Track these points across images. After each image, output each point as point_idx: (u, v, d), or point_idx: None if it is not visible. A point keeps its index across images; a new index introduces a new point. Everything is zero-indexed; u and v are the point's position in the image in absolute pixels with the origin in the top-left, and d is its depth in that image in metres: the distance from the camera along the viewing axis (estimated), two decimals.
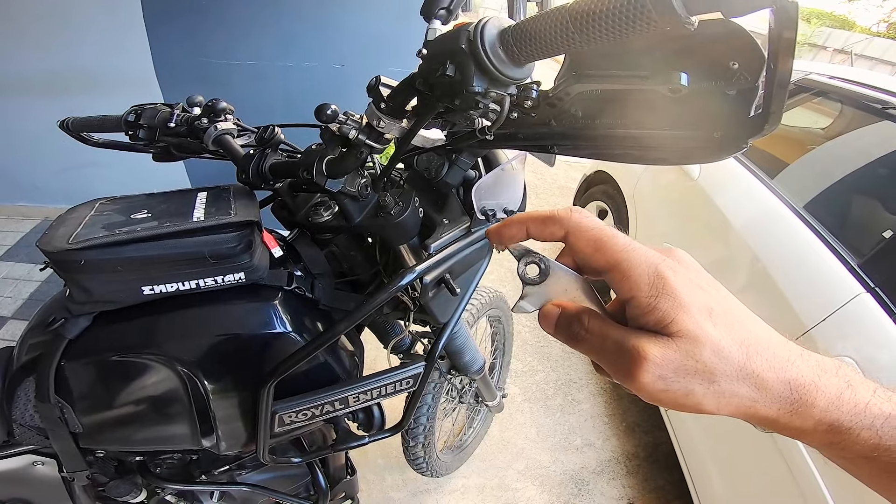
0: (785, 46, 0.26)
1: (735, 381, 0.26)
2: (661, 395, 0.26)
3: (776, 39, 0.26)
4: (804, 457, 1.11)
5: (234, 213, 0.60)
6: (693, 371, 0.26)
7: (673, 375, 0.26)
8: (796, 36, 0.25)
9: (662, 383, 0.26)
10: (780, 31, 0.25)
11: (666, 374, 0.26)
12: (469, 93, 0.40)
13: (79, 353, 0.63)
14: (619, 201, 2.24)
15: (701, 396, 0.26)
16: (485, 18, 0.39)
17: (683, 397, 0.26)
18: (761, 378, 0.26)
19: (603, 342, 0.29)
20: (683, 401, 0.26)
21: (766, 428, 0.28)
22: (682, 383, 0.26)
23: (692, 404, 0.26)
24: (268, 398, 0.64)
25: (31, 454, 0.80)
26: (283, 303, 0.66)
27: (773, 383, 0.26)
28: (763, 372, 0.26)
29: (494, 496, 1.63)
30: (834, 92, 1.76)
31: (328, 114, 0.53)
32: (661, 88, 0.33)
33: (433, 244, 0.67)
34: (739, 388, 0.26)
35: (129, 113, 0.79)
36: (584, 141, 0.45)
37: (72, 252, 0.54)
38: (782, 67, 0.27)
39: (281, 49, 2.05)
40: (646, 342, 0.26)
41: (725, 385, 0.26)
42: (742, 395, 0.26)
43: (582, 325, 0.30)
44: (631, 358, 0.26)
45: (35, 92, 2.30)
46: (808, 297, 1.24)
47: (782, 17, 0.25)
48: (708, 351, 0.26)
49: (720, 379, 0.26)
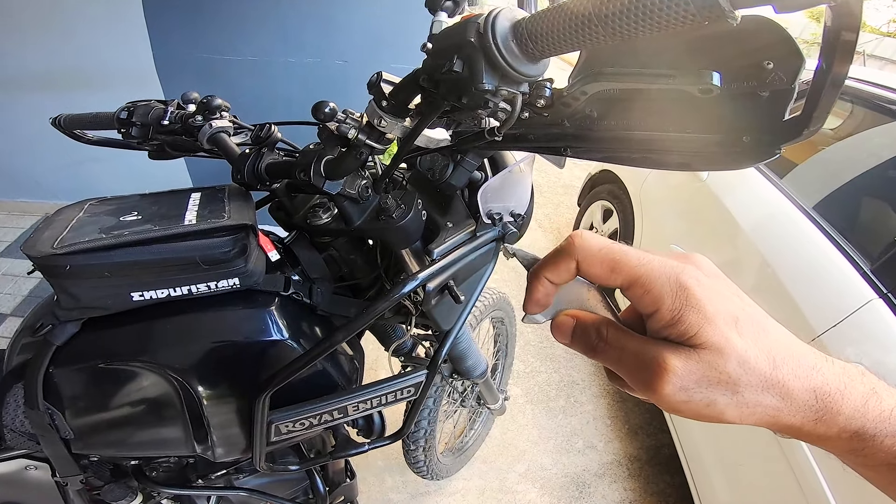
0: (844, 47, 0.23)
1: (760, 392, 0.25)
2: (683, 407, 0.26)
3: (834, 38, 0.23)
4: (808, 461, 1.09)
5: (227, 216, 0.57)
6: (717, 382, 0.25)
7: (695, 386, 0.25)
8: (858, 34, 0.22)
9: (684, 394, 0.25)
10: (838, 29, 0.22)
11: (688, 385, 0.25)
12: (478, 90, 0.37)
13: (67, 359, 0.61)
14: (626, 201, 2.21)
15: (724, 407, 0.26)
16: (496, 9, 0.35)
17: (705, 408, 0.26)
18: (787, 387, 0.25)
19: (622, 353, 0.28)
20: (705, 411, 0.26)
21: (788, 436, 0.27)
22: (704, 394, 0.25)
23: (714, 415, 0.26)
24: (263, 408, 0.61)
25: (24, 458, 0.79)
26: (279, 309, 0.64)
27: (798, 392, 0.25)
28: (789, 381, 0.25)
29: (495, 498, 1.62)
30: (845, 92, 1.72)
31: (326, 112, 0.50)
32: (690, 89, 0.30)
33: (437, 249, 0.64)
34: (764, 398, 0.25)
35: (122, 110, 0.76)
36: (599, 143, 0.42)
37: (57, 257, 0.51)
38: (838, 69, 0.24)
39: (283, 45, 2.02)
40: (668, 353, 0.26)
41: (750, 396, 0.25)
42: (767, 404, 0.25)
43: (600, 337, 0.30)
44: (653, 369, 0.26)
45: (35, 88, 2.28)
46: (819, 302, 1.21)
47: (843, 14, 0.22)
48: (733, 363, 0.25)
49: (744, 389, 0.25)
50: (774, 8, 0.22)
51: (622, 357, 0.28)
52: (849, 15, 0.22)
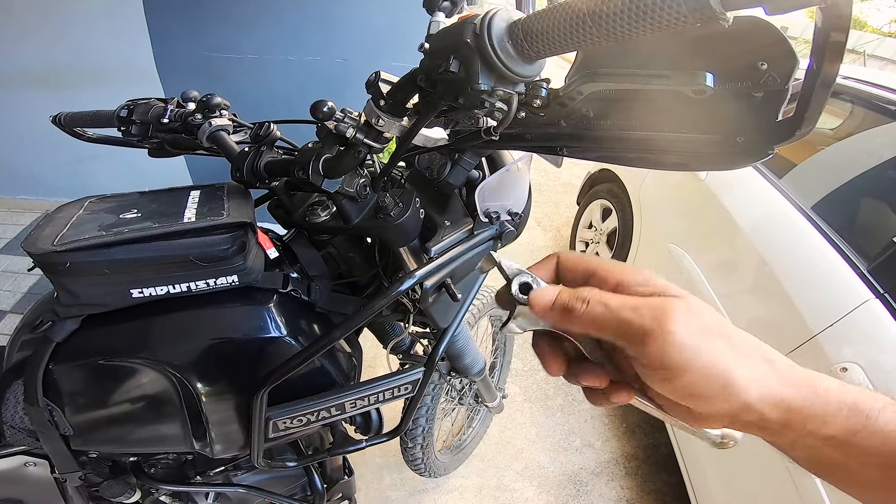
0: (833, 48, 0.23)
1: (750, 348, 0.26)
2: (691, 354, 0.24)
3: (824, 39, 0.23)
4: None
5: (226, 214, 0.58)
6: (712, 330, 0.25)
7: (699, 332, 0.25)
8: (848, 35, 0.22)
9: (693, 338, 0.25)
10: (828, 30, 0.23)
11: (693, 326, 0.25)
12: (474, 91, 0.37)
13: (67, 356, 0.61)
14: (624, 200, 2.21)
15: (730, 356, 0.25)
16: (492, 10, 0.36)
17: (714, 355, 0.25)
18: (771, 356, 0.26)
19: (608, 311, 0.27)
20: (714, 358, 0.25)
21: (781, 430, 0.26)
22: (708, 340, 0.25)
23: (722, 369, 0.25)
24: (261, 405, 0.62)
25: (23, 455, 0.79)
26: (278, 306, 0.64)
27: (781, 361, 0.26)
28: (771, 352, 0.27)
29: (493, 496, 1.62)
30: (844, 92, 1.72)
31: (324, 111, 0.51)
32: (684, 89, 0.30)
33: (434, 247, 0.64)
34: (755, 359, 0.26)
35: (122, 108, 0.76)
36: (595, 143, 0.42)
37: (57, 254, 0.51)
38: (828, 70, 0.24)
39: (283, 43, 2.02)
40: (668, 297, 0.27)
41: (743, 345, 0.26)
42: (759, 366, 0.26)
43: (583, 299, 0.28)
44: (658, 309, 0.25)
45: (35, 85, 2.28)
46: (815, 302, 1.22)
47: (833, 16, 0.22)
48: (718, 315, 0.27)
49: (736, 339, 0.26)
50: (765, 9, 0.22)
51: (609, 315, 0.27)
52: (838, 16, 0.22)
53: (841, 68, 0.95)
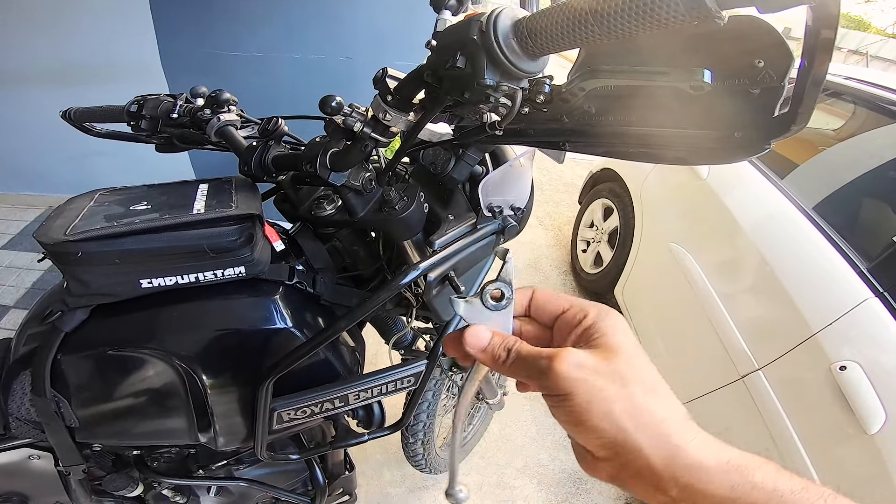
0: (823, 45, 0.24)
1: (646, 394, 0.27)
2: (577, 385, 0.27)
3: (814, 37, 0.24)
4: (804, 460, 1.10)
5: (234, 206, 0.59)
6: (608, 373, 0.27)
7: (591, 371, 0.27)
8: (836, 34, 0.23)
9: (580, 371, 0.27)
10: (818, 28, 0.24)
11: (584, 363, 0.27)
12: (480, 86, 0.38)
13: (75, 346, 0.62)
14: (626, 200, 2.22)
15: (615, 397, 0.27)
16: (498, 8, 0.37)
17: (598, 392, 0.27)
18: (667, 400, 0.28)
19: (523, 360, 0.31)
20: (598, 395, 0.27)
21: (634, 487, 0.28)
22: (597, 378, 0.27)
23: (605, 406, 0.27)
24: (266, 395, 0.63)
25: (27, 448, 0.79)
26: (283, 298, 0.65)
27: (675, 415, 0.27)
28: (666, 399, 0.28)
29: (493, 493, 1.63)
30: (847, 93, 1.73)
31: (333, 106, 0.52)
32: (683, 86, 0.31)
33: (438, 241, 0.65)
34: (649, 400, 0.27)
35: (132, 103, 0.77)
36: (597, 138, 0.43)
37: (69, 244, 0.53)
38: (818, 67, 0.25)
39: (288, 41, 2.03)
40: (568, 346, 0.30)
41: (637, 393, 0.27)
42: (652, 410, 0.27)
43: (509, 350, 0.32)
44: (553, 354, 0.28)
45: (40, 81, 2.30)
46: (815, 301, 1.23)
47: (822, 14, 0.23)
48: (624, 361, 0.28)
49: (633, 386, 0.27)
50: (758, 8, 0.23)
51: (522, 364, 0.31)
52: (827, 15, 0.23)
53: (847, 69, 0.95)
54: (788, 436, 1.15)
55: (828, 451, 1.10)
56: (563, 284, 2.61)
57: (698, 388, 1.50)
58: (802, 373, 1.18)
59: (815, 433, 1.13)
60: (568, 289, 2.59)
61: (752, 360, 1.30)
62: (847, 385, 1.06)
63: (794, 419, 1.16)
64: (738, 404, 1.33)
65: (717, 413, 1.43)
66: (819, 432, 1.12)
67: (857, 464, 1.04)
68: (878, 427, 0.99)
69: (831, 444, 1.10)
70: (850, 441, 1.05)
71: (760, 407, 1.25)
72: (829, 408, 1.09)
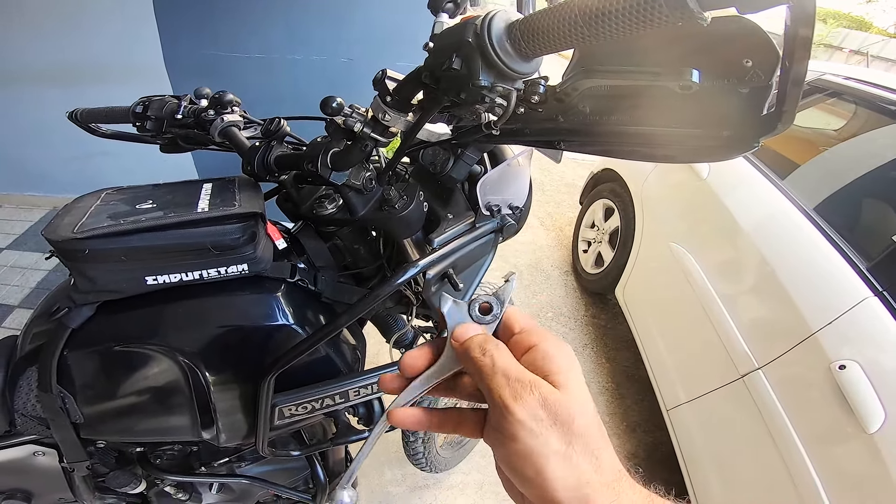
0: (801, 44, 0.25)
1: (585, 454, 0.27)
2: (522, 431, 0.27)
3: (792, 37, 0.25)
4: (804, 460, 1.10)
5: (238, 205, 0.60)
6: (558, 421, 0.27)
7: (544, 416, 0.27)
8: (813, 34, 0.24)
9: (531, 422, 0.27)
10: (796, 28, 0.25)
11: (538, 415, 0.27)
12: (475, 86, 0.39)
13: (82, 342, 0.63)
14: (627, 200, 2.22)
15: (553, 452, 0.27)
16: (492, 11, 0.38)
17: (541, 445, 0.27)
18: (602, 460, 0.28)
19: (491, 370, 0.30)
20: (536, 450, 0.27)
21: None
22: (546, 427, 0.27)
23: (540, 460, 0.27)
24: (268, 390, 0.64)
25: (32, 444, 0.80)
26: (285, 295, 0.66)
27: (609, 469, 0.28)
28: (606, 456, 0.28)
29: (493, 492, 1.64)
30: (848, 93, 1.73)
31: (333, 106, 0.53)
32: (672, 85, 0.32)
33: (437, 238, 0.66)
34: (585, 461, 0.27)
35: (137, 104, 0.79)
36: (591, 137, 0.44)
37: (76, 241, 0.54)
38: (797, 66, 0.26)
39: (290, 42, 2.05)
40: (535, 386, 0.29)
41: (577, 453, 0.27)
42: (584, 469, 0.27)
43: (485, 351, 0.31)
44: (517, 390, 0.28)
45: (44, 82, 2.32)
46: (815, 300, 1.23)
47: (799, 14, 0.24)
48: (577, 407, 0.28)
49: (576, 443, 0.27)
50: (738, 9, 0.24)
51: (489, 373, 0.30)
52: (805, 14, 0.24)
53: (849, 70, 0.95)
54: (788, 435, 1.15)
55: (827, 451, 1.10)
56: (564, 285, 2.62)
57: (698, 388, 1.50)
58: (802, 372, 1.19)
59: (815, 432, 1.13)
60: (569, 289, 2.60)
61: (751, 360, 1.30)
62: (846, 384, 1.06)
63: (793, 418, 1.16)
64: (738, 404, 1.33)
65: (717, 412, 1.43)
66: (818, 431, 1.12)
67: (857, 463, 1.04)
68: (878, 426, 0.99)
69: (831, 444, 1.10)
70: (849, 440, 1.05)
71: (760, 406, 1.25)
72: (829, 407, 1.09)
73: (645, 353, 1.88)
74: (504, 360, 0.30)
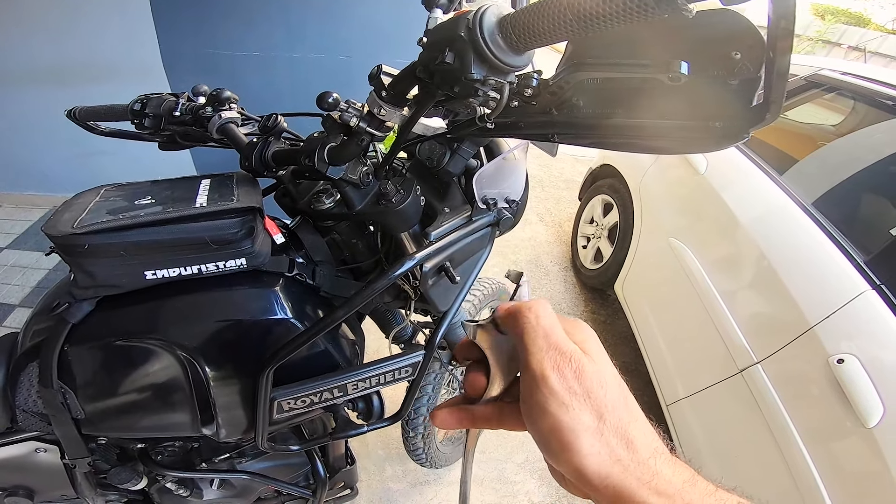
0: (783, 35, 0.26)
1: (614, 434, 0.27)
2: (552, 404, 0.27)
3: (774, 28, 0.26)
4: (803, 456, 1.11)
5: (236, 200, 0.61)
6: (587, 396, 0.27)
7: (578, 388, 0.27)
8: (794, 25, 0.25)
9: (565, 395, 0.27)
10: (777, 20, 0.25)
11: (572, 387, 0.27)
12: (468, 80, 0.40)
13: (82, 337, 0.64)
14: (625, 195, 2.23)
15: (587, 428, 0.27)
16: (484, 6, 0.38)
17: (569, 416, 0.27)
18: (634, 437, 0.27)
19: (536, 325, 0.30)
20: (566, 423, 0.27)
21: None
22: (578, 402, 0.27)
23: (572, 436, 0.27)
24: (266, 384, 0.64)
25: (33, 441, 0.81)
26: (283, 289, 0.66)
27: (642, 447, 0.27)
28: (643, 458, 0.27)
29: (493, 488, 1.64)
30: (847, 88, 1.74)
31: (329, 102, 0.53)
32: (662, 77, 0.32)
33: (434, 232, 0.67)
34: (614, 441, 0.27)
35: (136, 102, 0.79)
36: (585, 130, 0.45)
37: (76, 236, 0.54)
38: (780, 57, 0.27)
39: (288, 40, 2.05)
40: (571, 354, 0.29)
41: (610, 424, 0.27)
42: (615, 447, 0.26)
43: (529, 308, 0.31)
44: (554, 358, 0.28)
45: (43, 81, 2.32)
46: (813, 294, 1.23)
47: (780, 6, 0.25)
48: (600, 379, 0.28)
49: (608, 416, 0.27)
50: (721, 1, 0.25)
51: (532, 329, 0.30)
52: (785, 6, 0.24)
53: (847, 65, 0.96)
54: (787, 429, 1.16)
55: (826, 445, 1.10)
56: (563, 280, 2.62)
57: (698, 383, 1.51)
58: (800, 366, 1.19)
59: (814, 426, 1.13)
60: (569, 284, 2.60)
61: (750, 354, 1.31)
62: (845, 378, 1.06)
63: (792, 413, 1.17)
64: (737, 398, 1.34)
65: (716, 407, 1.44)
66: (817, 426, 1.13)
67: (856, 457, 1.05)
68: (877, 420, 1.00)
69: (829, 438, 1.10)
70: (848, 434, 1.05)
71: (759, 401, 1.25)
72: (828, 401, 1.10)
73: (644, 349, 1.89)
74: (549, 319, 0.30)
